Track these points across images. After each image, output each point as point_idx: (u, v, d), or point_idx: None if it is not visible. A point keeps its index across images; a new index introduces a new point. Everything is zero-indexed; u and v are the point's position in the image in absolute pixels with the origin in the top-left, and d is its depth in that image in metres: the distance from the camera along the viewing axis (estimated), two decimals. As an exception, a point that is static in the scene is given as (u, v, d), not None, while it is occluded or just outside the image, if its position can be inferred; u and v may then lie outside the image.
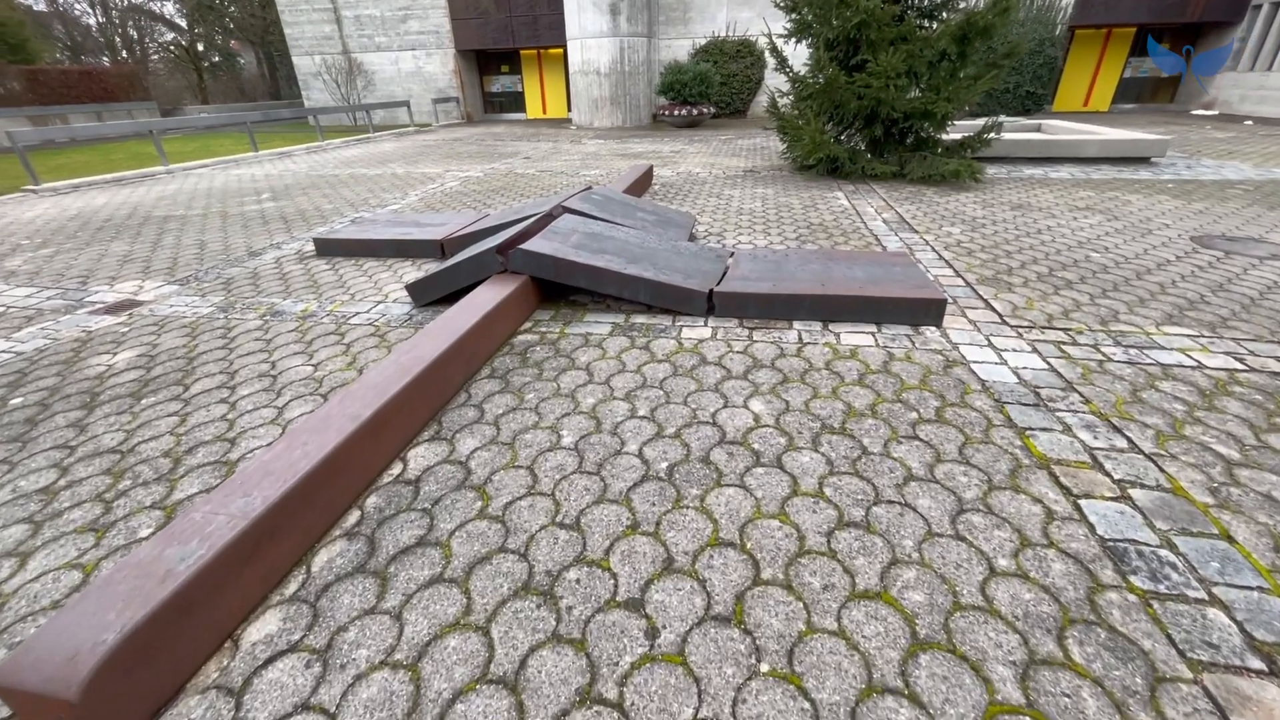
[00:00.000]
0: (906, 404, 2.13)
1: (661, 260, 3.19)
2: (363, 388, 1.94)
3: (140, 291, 3.71)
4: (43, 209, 6.30)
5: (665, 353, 2.59)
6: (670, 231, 3.94)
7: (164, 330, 3.07)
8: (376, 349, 2.74)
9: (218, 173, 8.68)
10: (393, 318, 3.10)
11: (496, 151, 10.24)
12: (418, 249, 4.15)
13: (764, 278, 3.05)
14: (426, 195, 6.43)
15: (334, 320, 3.10)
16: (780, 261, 3.32)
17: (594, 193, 4.33)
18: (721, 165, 7.87)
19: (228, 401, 2.33)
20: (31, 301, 3.58)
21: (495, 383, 2.39)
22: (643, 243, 3.40)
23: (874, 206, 5.22)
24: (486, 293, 2.80)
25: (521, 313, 2.95)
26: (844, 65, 6.20)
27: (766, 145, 9.88)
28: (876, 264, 3.22)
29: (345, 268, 4.01)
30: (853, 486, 1.71)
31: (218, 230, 5.18)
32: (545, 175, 7.46)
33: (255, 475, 1.52)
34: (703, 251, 3.47)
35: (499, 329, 2.71)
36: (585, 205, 3.94)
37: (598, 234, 3.37)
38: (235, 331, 3.01)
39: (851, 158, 6.37)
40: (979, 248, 3.95)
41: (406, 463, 1.92)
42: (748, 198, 5.75)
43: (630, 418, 2.11)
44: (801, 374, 2.37)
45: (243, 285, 3.74)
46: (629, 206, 4.25)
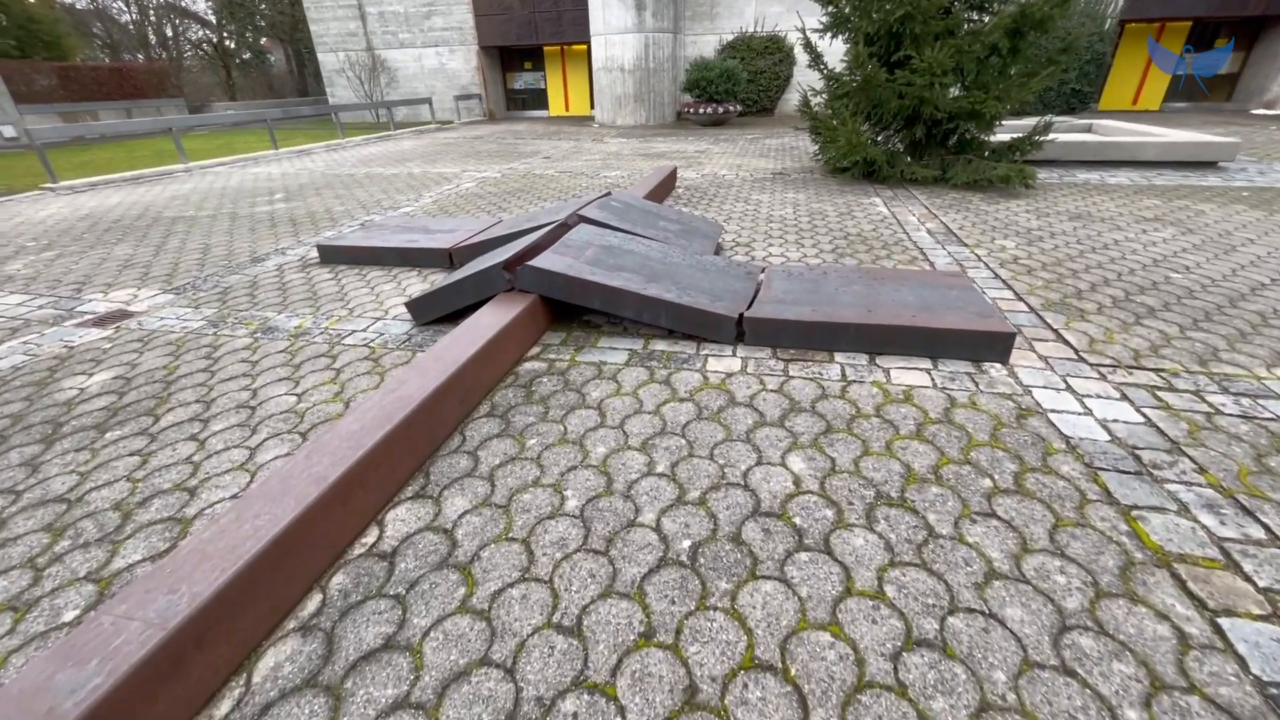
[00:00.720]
0: (977, 467, 1.78)
1: (685, 278, 2.87)
2: (335, 438, 1.67)
3: (133, 301, 3.51)
4: (56, 208, 6.22)
5: (689, 389, 2.28)
6: (695, 243, 3.61)
7: (148, 348, 2.86)
8: (368, 376, 2.48)
9: (235, 171, 8.58)
10: (390, 338, 2.84)
11: (516, 150, 9.99)
12: (424, 258, 3.89)
13: (801, 300, 2.71)
14: (441, 197, 6.19)
15: (327, 340, 2.85)
16: (818, 280, 2.97)
17: (613, 199, 4.03)
18: (749, 167, 7.50)
19: (197, 439, 2.09)
20: (21, 311, 3.41)
21: (494, 423, 2.11)
22: (665, 257, 3.08)
23: (916, 215, 4.82)
24: (490, 315, 2.51)
25: (529, 336, 2.67)
26: (884, 61, 5.79)
27: (796, 145, 9.46)
28: (929, 285, 2.86)
29: (348, 277, 3.77)
30: (920, 585, 1.38)
31: (224, 233, 5.00)
32: (564, 176, 7.18)
33: (188, 562, 1.25)
34: (731, 268, 3.14)
35: (503, 357, 2.42)
36: (603, 214, 3.63)
37: (615, 247, 3.07)
38: (221, 351, 2.78)
39: (890, 161, 5.96)
40: (1039, 265, 3.54)
41: (384, 527, 1.64)
42: (777, 203, 5.39)
43: (647, 474, 1.80)
44: (848, 421, 2.03)
45: (239, 296, 3.52)
46: (651, 214, 3.93)
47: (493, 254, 3.18)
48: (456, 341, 2.26)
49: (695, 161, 8.08)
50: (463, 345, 2.22)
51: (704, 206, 5.32)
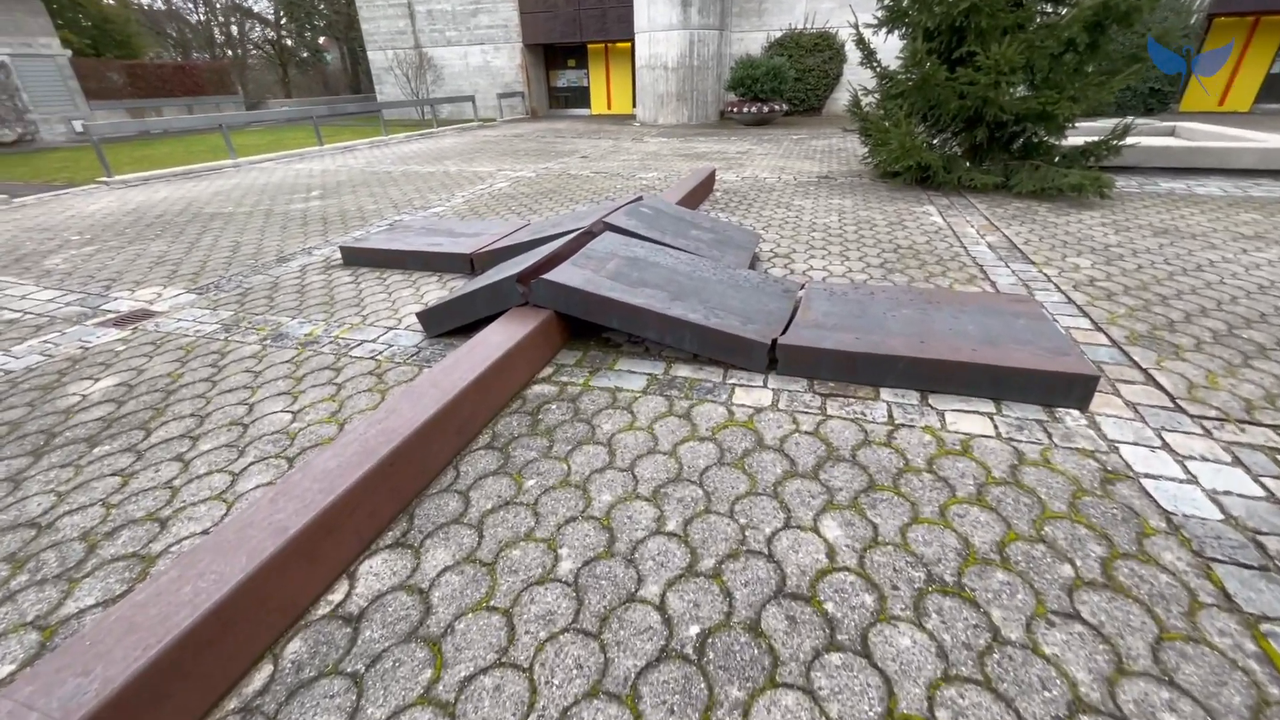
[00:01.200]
0: (1053, 547, 1.48)
1: (714, 296, 2.62)
2: (307, 479, 1.50)
3: (156, 300, 3.49)
4: (106, 202, 6.42)
5: (711, 426, 2.03)
6: (729, 255, 3.35)
7: (158, 352, 2.79)
8: (368, 394, 2.32)
9: (279, 167, 8.74)
10: (398, 351, 2.69)
11: (554, 149, 9.88)
12: (445, 263, 3.75)
13: (844, 325, 2.42)
14: (473, 197, 6.09)
15: (335, 350, 2.72)
16: (864, 302, 2.67)
17: (643, 204, 3.80)
18: (792, 169, 7.14)
19: (182, 459, 1.96)
20: (50, 307, 3.42)
21: (493, 457, 1.91)
22: (693, 271, 2.83)
23: (975, 226, 4.41)
24: (499, 333, 2.32)
25: (541, 356, 2.46)
26: (945, 58, 5.36)
27: (844, 147, 9.01)
28: (992, 312, 2.52)
29: (367, 281, 3.66)
30: (985, 712, 1.10)
31: (257, 231, 5.01)
32: (599, 177, 6.99)
33: (112, 633, 1.09)
34: (766, 284, 2.86)
35: (510, 379, 2.22)
36: (631, 221, 3.41)
37: (640, 260, 2.84)
38: (228, 359, 2.68)
39: (946, 166, 5.52)
40: (1120, 288, 3.13)
41: (355, 582, 1.46)
42: (821, 210, 5.05)
43: (655, 533, 1.57)
44: (894, 476, 1.75)
45: (258, 298, 3.45)
46: (682, 222, 3.68)
47: (509, 263, 3.00)
48: (459, 364, 2.07)
49: (736, 163, 7.76)
50: (464, 369, 2.03)
51: (742, 212, 5.03)
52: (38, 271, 4.07)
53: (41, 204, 6.44)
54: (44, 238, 4.96)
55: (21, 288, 3.76)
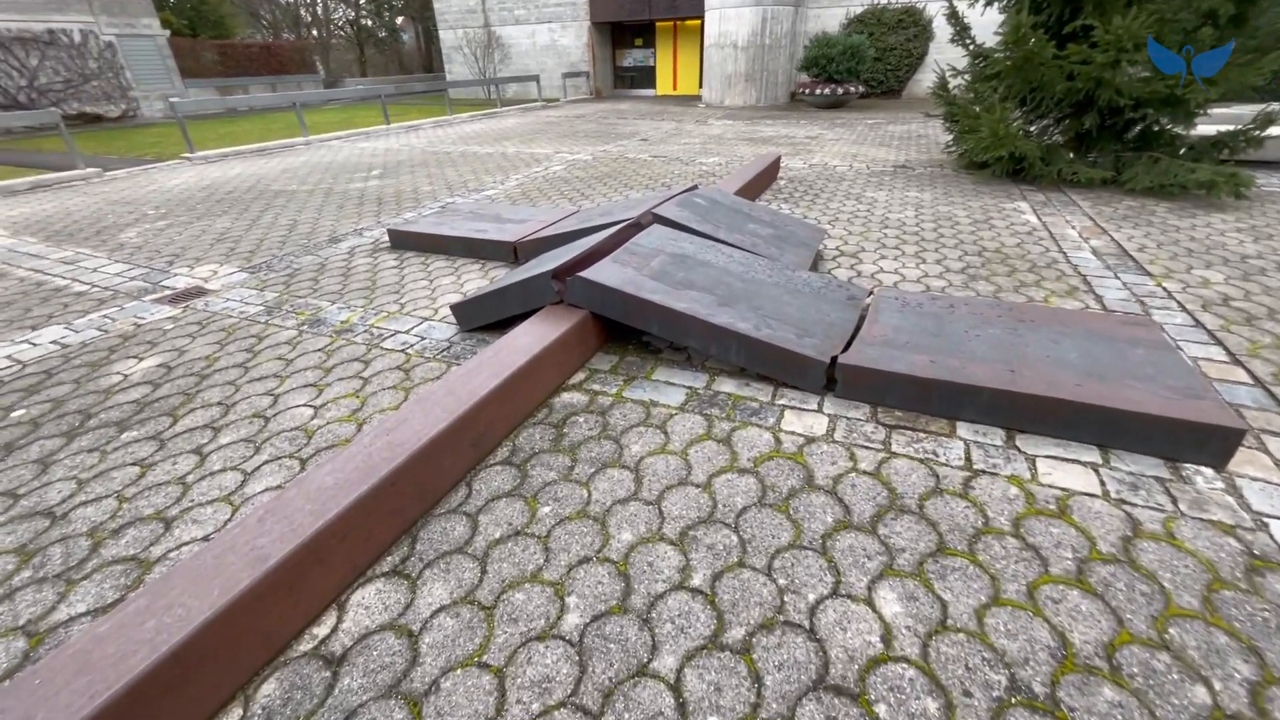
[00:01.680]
0: (1182, 659, 1.16)
1: (768, 302, 2.35)
2: (301, 497, 1.37)
3: (212, 278, 3.55)
4: (185, 178, 6.72)
5: (754, 455, 1.79)
6: (789, 253, 3.04)
7: (202, 332, 2.80)
8: (392, 391, 2.22)
9: (346, 145, 8.95)
10: (430, 344, 2.58)
11: (614, 131, 9.64)
12: (489, 250, 3.63)
13: (917, 344, 2.11)
14: (526, 181, 5.97)
15: (367, 340, 2.64)
16: (942, 316, 2.32)
17: (698, 194, 3.53)
18: (866, 157, 6.62)
19: (200, 453, 1.91)
20: (116, 281, 3.54)
21: (509, 475, 1.75)
22: (746, 272, 2.57)
23: (1077, 227, 3.88)
24: (528, 335, 2.15)
25: (574, 360, 2.28)
26: (1053, 34, 4.74)
27: (924, 134, 8.32)
28: (1100, 336, 2.13)
29: (411, 266, 3.59)
30: None
31: (315, 209, 5.08)
32: (658, 162, 6.71)
33: (62, 674, 0.99)
34: (829, 289, 2.56)
35: (537, 385, 2.06)
36: (683, 212, 3.15)
37: (688, 257, 2.59)
38: (264, 344, 2.65)
39: (1044, 157, 4.92)
40: (1263, 310, 2.62)
41: (344, 614, 1.33)
42: (896, 203, 4.60)
43: (678, 586, 1.36)
44: (970, 538, 1.46)
45: (304, 280, 3.44)
46: (739, 214, 3.40)
47: (547, 256, 2.83)
48: (480, 370, 1.91)
49: (804, 149, 7.29)
50: (485, 376, 1.87)
51: (807, 204, 4.66)
52: (113, 244, 4.26)
53: (130, 177, 6.83)
54: (125, 211, 5.22)
55: (95, 260, 3.92)
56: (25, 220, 4.99)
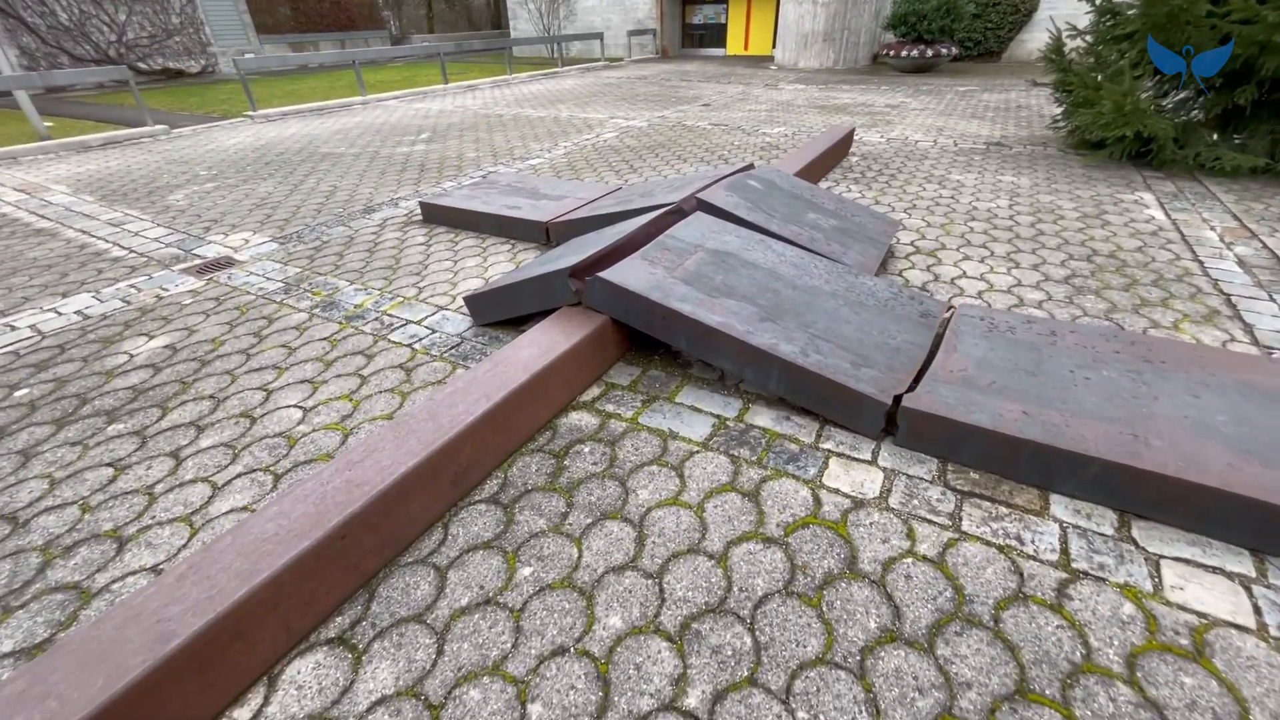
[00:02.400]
0: None
1: (822, 317, 1.97)
2: (233, 548, 1.17)
3: (243, 248, 3.46)
4: (242, 137, 6.77)
5: (786, 519, 1.46)
6: (853, 250, 2.61)
7: (217, 310, 2.69)
8: (389, 395, 2.01)
9: (401, 106, 8.83)
10: (440, 339, 2.36)
11: (676, 95, 9.07)
12: (520, 230, 3.36)
13: (1006, 386, 1.69)
14: (574, 150, 5.63)
15: (375, 330, 2.45)
16: (1040, 348, 1.88)
17: (754, 175, 3.10)
18: (954, 131, 5.86)
19: (177, 455, 1.77)
20: (152, 247, 3.52)
21: (493, 518, 1.50)
22: (800, 276, 2.18)
23: (1217, 228, 3.20)
24: (536, 344, 1.87)
25: (588, 373, 2.00)
26: (1208, -15, 3.89)
27: (1026, 104, 7.34)
28: (1257, 392, 1.64)
29: (439, 243, 3.38)
30: None
31: (357, 175, 4.95)
32: (717, 131, 6.20)
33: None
34: (898, 302, 2.14)
35: (541, 404, 1.79)
36: (732, 198, 2.76)
37: (731, 255, 2.23)
38: (273, 328, 2.51)
39: (1179, 137, 4.12)
40: None
41: (274, 691, 1.13)
42: (987, 190, 3.99)
43: (667, 706, 1.08)
44: (1065, 677, 1.10)
45: (329, 254, 3.30)
46: (798, 201, 2.96)
47: (574, 244, 2.52)
48: (471, 389, 1.66)
49: (883, 119, 6.56)
50: (475, 397, 1.62)
51: (880, 186, 4.11)
52: (160, 206, 4.27)
53: (194, 135, 6.95)
54: (179, 170, 5.27)
55: (140, 223, 3.93)
56: (89, 178, 5.12)
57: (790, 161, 3.93)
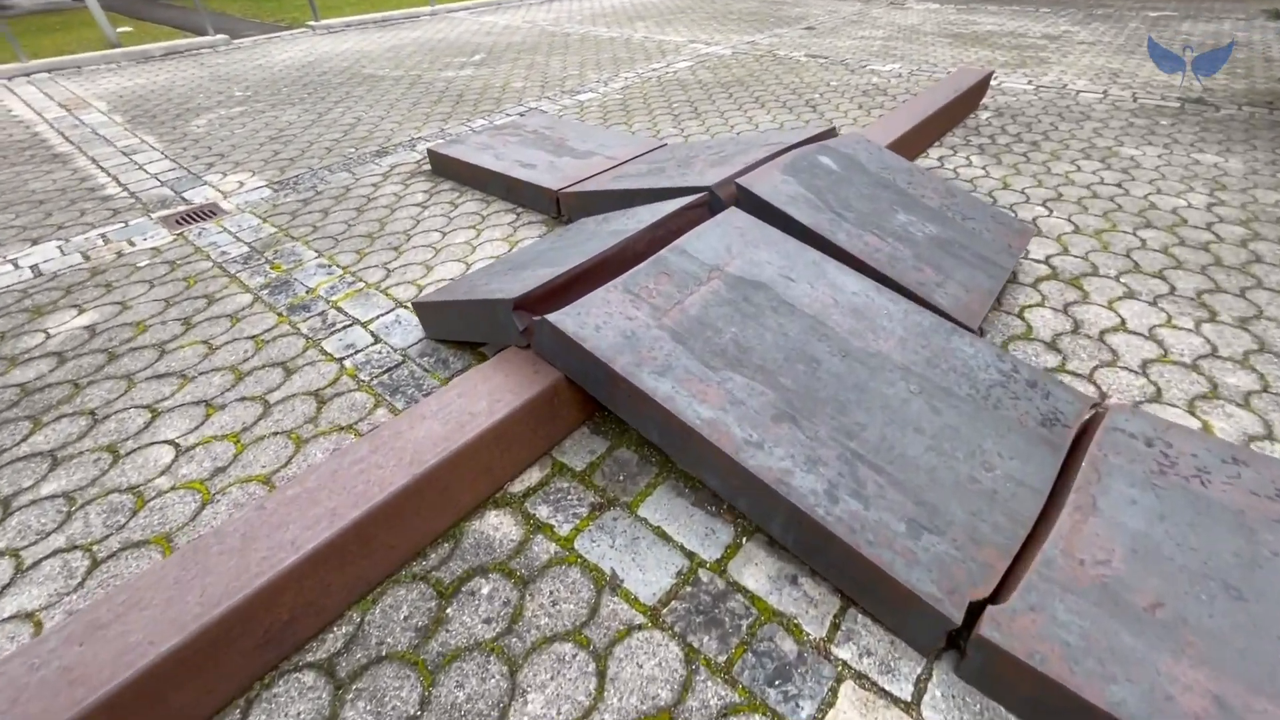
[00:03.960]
0: None
1: (876, 419, 1.26)
2: None
3: (235, 192, 3.09)
4: (295, 52, 6.37)
5: (739, 811, 0.89)
6: (955, 278, 1.80)
7: (163, 281, 2.34)
8: (283, 441, 1.56)
9: (469, 18, 8.07)
10: (380, 353, 1.86)
11: (776, 14, 7.69)
12: (528, 196, 2.74)
13: (1185, 619, 0.96)
14: (633, 84, 4.77)
15: (313, 330, 1.99)
16: (1258, 527, 1.10)
17: (832, 147, 2.26)
18: (1135, 77, 4.42)
19: (8, 506, 1.43)
20: (146, 186, 3.22)
21: (310, 707, 1.03)
22: (857, 334, 1.46)
23: None
24: (449, 410, 1.32)
25: (531, 446, 1.43)
26: None
27: (1248, 42, 5.50)
28: None
29: (436, 206, 2.84)
30: None
31: (387, 106, 4.42)
32: (813, 65, 5.07)
33: None
34: (1008, 391, 1.37)
35: (446, 503, 1.26)
36: (790, 184, 1.98)
37: (757, 288, 1.53)
38: (207, 314, 2.12)
39: None
40: None
41: None
42: (1176, 173, 2.86)
43: None
44: None
45: (314, 210, 2.85)
46: (887, 192, 2.12)
47: (552, 249, 1.88)
48: (317, 496, 1.15)
49: (1035, 56, 5.11)
50: (316, 514, 1.11)
51: (1014, 161, 3.06)
52: (179, 134, 3.98)
53: (252, 47, 6.64)
54: (217, 90, 4.97)
55: (150, 154, 3.66)
56: (130, 95, 4.94)
57: (890, 124, 2.97)
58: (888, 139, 2.72)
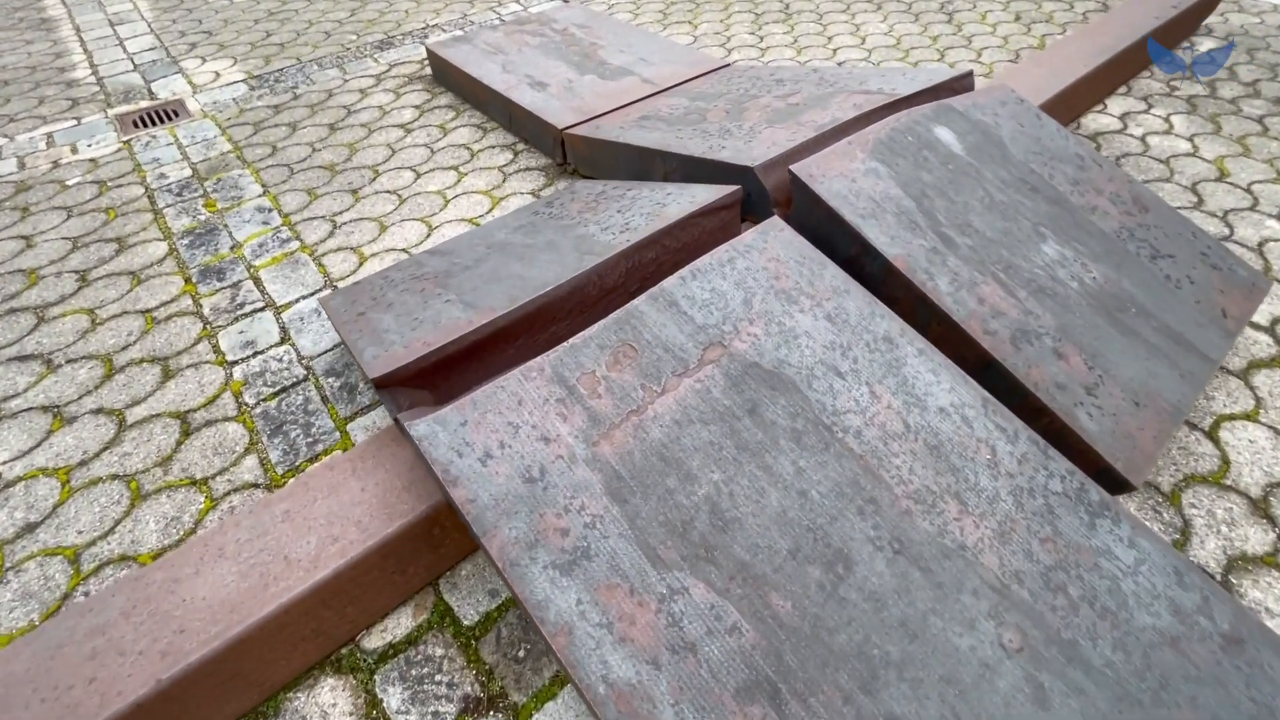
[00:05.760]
0: None
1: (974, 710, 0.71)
2: None
3: (206, 87, 2.61)
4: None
5: None
6: (1131, 365, 1.10)
7: (82, 210, 1.95)
8: (119, 491, 1.19)
9: None
10: (278, 362, 1.42)
11: None
12: (530, 129, 2.09)
13: None
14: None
15: (218, 309, 1.57)
16: None
17: (955, 115, 1.47)
18: None
19: None
20: (119, 70, 2.78)
21: None
22: (917, 523, 0.85)
23: None
24: (248, 556, 0.88)
25: (404, 583, 0.98)
26: None
27: None
28: None
29: (422, 131, 2.25)
30: None
31: (414, -24, 3.66)
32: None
33: None
34: (1218, 666, 0.77)
35: (272, 665, 0.86)
36: (877, 182, 1.26)
37: (778, 386, 0.93)
38: (108, 269, 1.72)
39: None
40: None
41: None
42: None
43: None
44: None
45: (283, 120, 2.34)
46: (1035, 196, 1.35)
47: (447, 279, 1.29)
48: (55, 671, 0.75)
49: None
50: None
51: (1244, 126, 2.05)
52: (173, 2, 3.45)
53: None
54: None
55: (137, 26, 3.18)
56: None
57: (1058, 60, 2.01)
58: (1049, 88, 1.83)
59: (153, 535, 1.12)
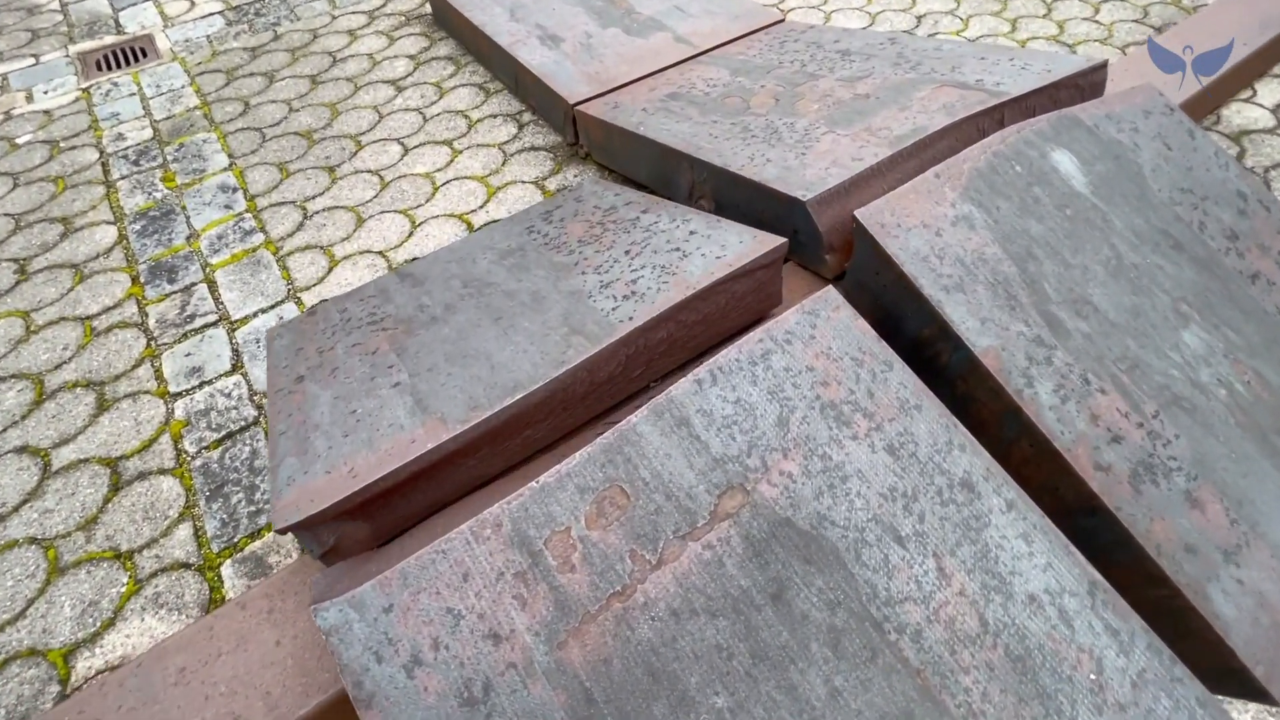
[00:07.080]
0: None
1: None
2: None
3: (178, 20, 2.29)
4: None
5: None
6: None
7: (30, 177, 1.72)
8: (36, 556, 1.03)
9: None
10: (224, 405, 1.22)
11: None
12: (538, 96, 1.75)
13: None
14: None
15: (164, 321, 1.36)
16: None
17: (1079, 131, 1.12)
18: None
19: None
20: (90, 2, 2.46)
21: None
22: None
23: None
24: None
25: None
26: None
27: None
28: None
29: (417, 86, 1.93)
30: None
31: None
32: None
33: None
34: None
35: None
36: (968, 235, 0.95)
37: (812, 557, 0.68)
38: (49, 259, 1.51)
39: None
40: None
41: None
42: None
43: None
44: None
45: (258, 70, 2.03)
46: (1178, 256, 1.02)
47: (411, 330, 1.03)
48: None
49: None
50: None
51: None
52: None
53: None
54: None
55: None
56: None
57: (1199, 37, 1.56)
58: (1210, 77, 1.41)
59: (66, 624, 0.97)
